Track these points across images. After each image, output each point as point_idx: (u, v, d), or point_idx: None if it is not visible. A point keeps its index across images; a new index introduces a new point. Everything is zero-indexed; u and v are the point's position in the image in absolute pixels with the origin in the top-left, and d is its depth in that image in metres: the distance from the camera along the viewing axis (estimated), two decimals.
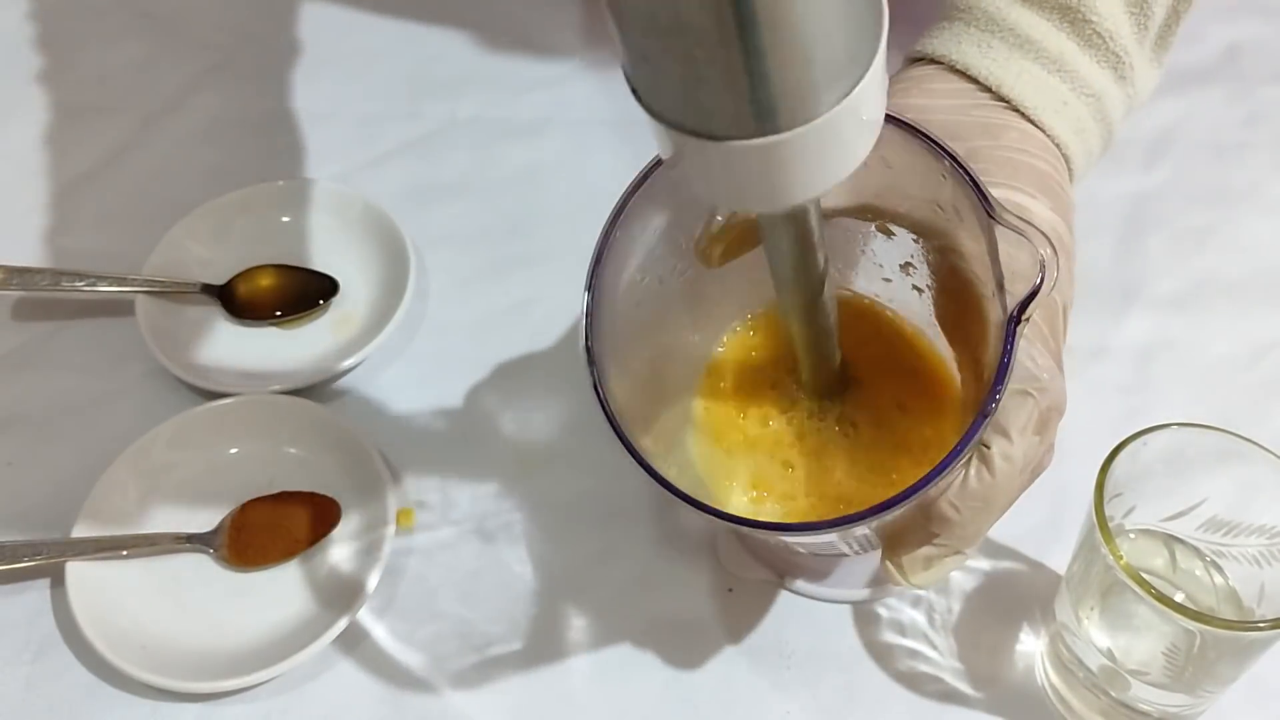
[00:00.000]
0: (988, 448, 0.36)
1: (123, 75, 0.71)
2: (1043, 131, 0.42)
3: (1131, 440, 0.40)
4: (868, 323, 0.45)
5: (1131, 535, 0.44)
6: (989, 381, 0.33)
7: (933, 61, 0.44)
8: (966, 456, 0.34)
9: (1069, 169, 0.43)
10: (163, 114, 0.69)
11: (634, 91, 0.28)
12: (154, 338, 0.55)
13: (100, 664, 0.46)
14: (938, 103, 0.42)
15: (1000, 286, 0.34)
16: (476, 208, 0.64)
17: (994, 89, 0.42)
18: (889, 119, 0.36)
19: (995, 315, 0.35)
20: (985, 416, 0.33)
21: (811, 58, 0.25)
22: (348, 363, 0.55)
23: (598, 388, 0.36)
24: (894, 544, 0.39)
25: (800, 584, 0.48)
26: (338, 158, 0.66)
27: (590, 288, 0.37)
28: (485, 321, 0.58)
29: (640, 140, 0.37)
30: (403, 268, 0.58)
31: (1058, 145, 0.43)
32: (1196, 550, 0.43)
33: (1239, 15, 0.73)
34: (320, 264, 0.60)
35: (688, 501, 0.35)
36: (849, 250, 0.44)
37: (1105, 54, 0.43)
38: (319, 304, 0.58)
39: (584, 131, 0.67)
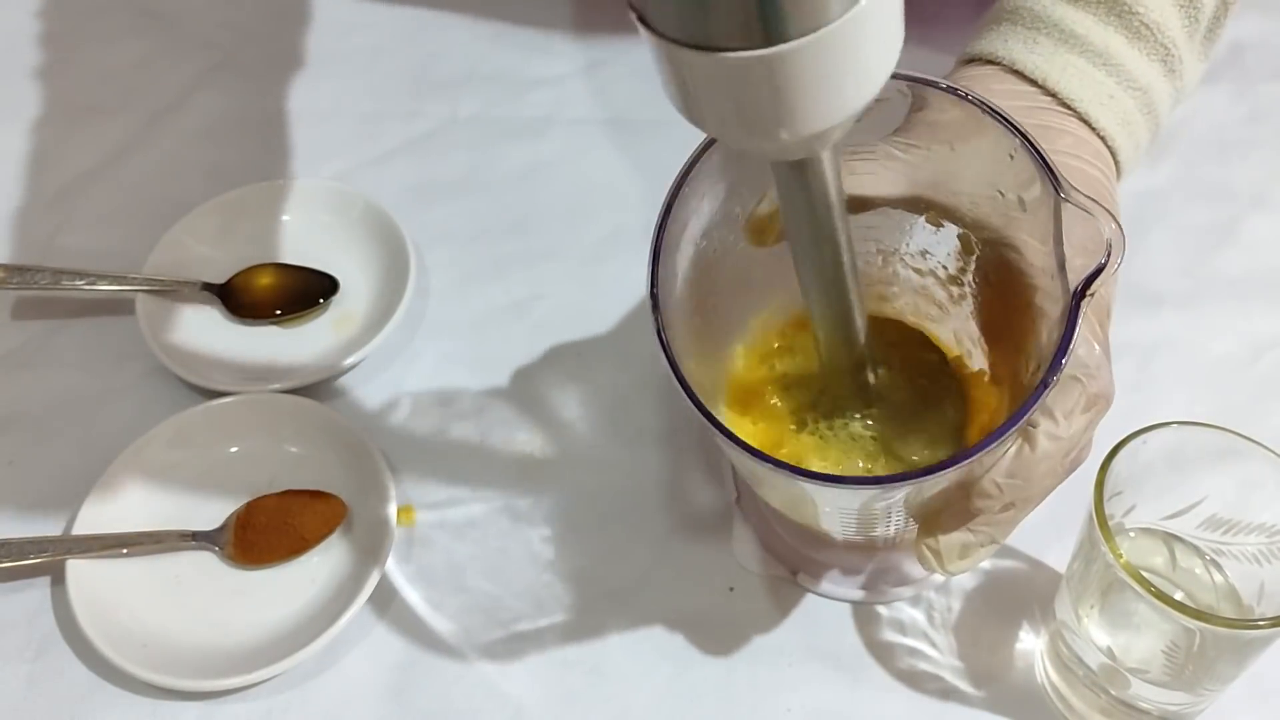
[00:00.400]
0: (1034, 427, 0.36)
1: (123, 74, 0.71)
2: (1089, 125, 0.43)
3: (1132, 438, 0.40)
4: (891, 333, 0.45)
5: (1131, 533, 0.44)
6: (1048, 358, 0.33)
7: (987, 62, 0.44)
8: (1017, 430, 0.33)
9: (1116, 162, 0.44)
10: (163, 113, 0.69)
11: (636, 12, 0.26)
12: (154, 336, 0.55)
13: (101, 662, 0.46)
14: (998, 103, 0.42)
15: (1061, 268, 0.33)
16: (477, 206, 0.64)
17: (1040, 83, 0.43)
18: (961, 96, 0.35)
19: (1048, 303, 0.35)
20: (1046, 386, 0.32)
21: None
22: (348, 361, 0.55)
23: (661, 334, 0.35)
24: (930, 526, 0.39)
25: (813, 580, 0.48)
26: (338, 156, 0.66)
27: (659, 232, 0.36)
28: (486, 320, 0.58)
29: (640, 140, 0.37)
30: (403, 266, 0.58)
31: (1103, 138, 0.43)
32: (1196, 548, 0.43)
33: (1242, 12, 0.73)
34: (321, 263, 0.60)
35: (749, 451, 0.34)
36: (891, 239, 0.44)
37: (1154, 46, 0.43)
38: (319, 303, 0.58)
39: (584, 131, 0.67)
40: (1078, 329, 0.32)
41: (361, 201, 0.61)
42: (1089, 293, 0.32)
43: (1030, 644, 0.47)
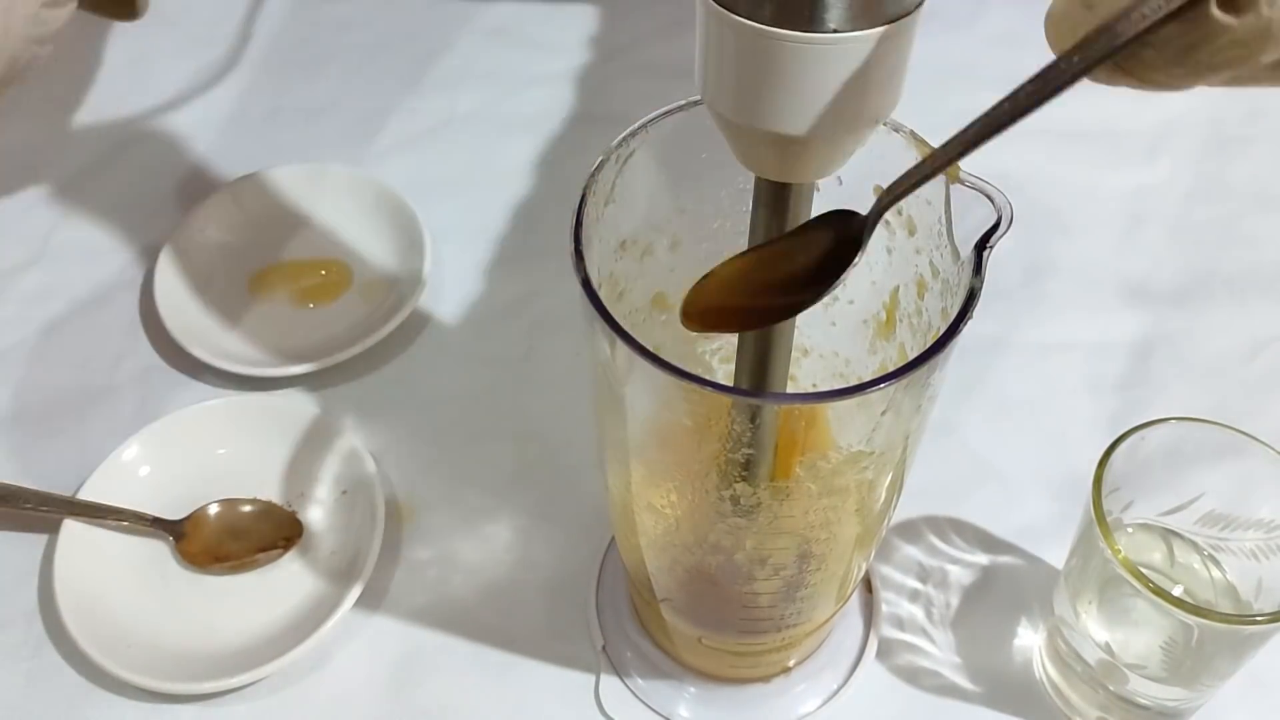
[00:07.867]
0: None
1: (124, 70, 0.71)
2: None
3: (1130, 434, 0.40)
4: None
5: (1129, 529, 0.44)
6: (958, 307, 0.33)
7: None
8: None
9: None
10: (162, 110, 0.69)
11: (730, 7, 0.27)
12: (169, 310, 0.56)
13: (88, 665, 0.46)
14: None
15: (950, 237, 0.34)
16: (475, 203, 0.64)
17: None
18: None
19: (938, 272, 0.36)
20: (962, 319, 0.31)
21: None
22: (354, 350, 0.55)
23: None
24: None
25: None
26: (337, 152, 0.66)
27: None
28: (485, 315, 0.58)
29: None
30: (418, 251, 0.58)
31: None
32: (1194, 544, 0.43)
33: None
34: (339, 250, 0.60)
35: (690, 379, 0.30)
36: None
37: None
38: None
39: (583, 127, 0.67)
40: (984, 275, 0.32)
41: (375, 188, 0.62)
42: (990, 245, 0.33)
43: (1029, 640, 0.47)
